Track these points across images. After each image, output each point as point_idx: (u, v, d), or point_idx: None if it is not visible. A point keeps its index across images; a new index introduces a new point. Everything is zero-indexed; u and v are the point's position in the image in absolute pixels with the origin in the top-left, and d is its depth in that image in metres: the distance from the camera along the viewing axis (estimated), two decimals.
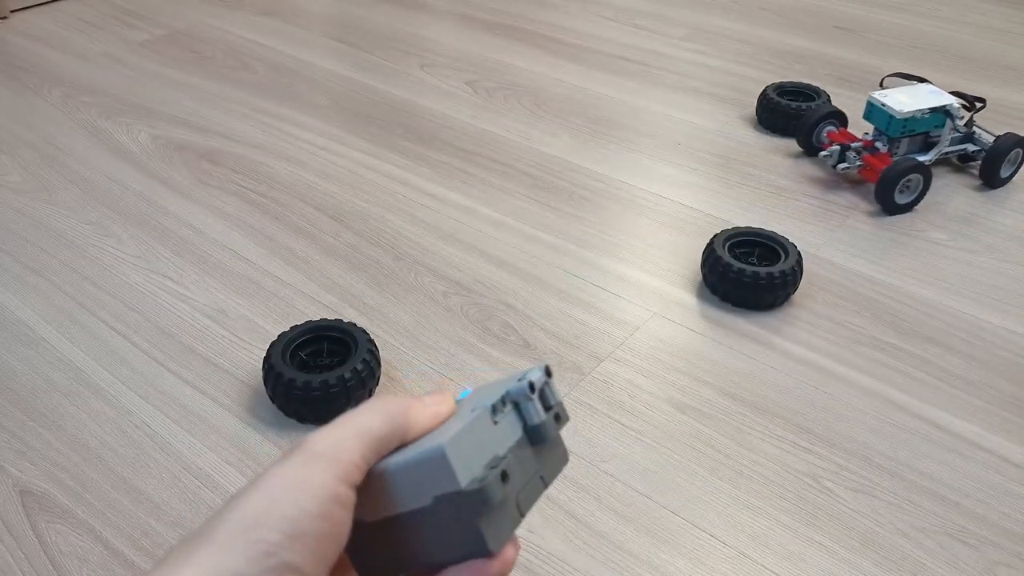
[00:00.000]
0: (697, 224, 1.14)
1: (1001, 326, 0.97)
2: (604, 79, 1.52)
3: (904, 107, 1.15)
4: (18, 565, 0.72)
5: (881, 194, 1.13)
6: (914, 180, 1.13)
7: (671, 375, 0.90)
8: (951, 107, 1.17)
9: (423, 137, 1.34)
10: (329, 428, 0.30)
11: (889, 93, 1.19)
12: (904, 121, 1.16)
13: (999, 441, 0.83)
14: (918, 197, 1.15)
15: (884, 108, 1.17)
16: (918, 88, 1.21)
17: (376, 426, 0.30)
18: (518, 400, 0.32)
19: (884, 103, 1.17)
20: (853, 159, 1.19)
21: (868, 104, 1.20)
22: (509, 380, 0.33)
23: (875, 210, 1.16)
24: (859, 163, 1.19)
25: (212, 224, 1.13)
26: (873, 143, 1.20)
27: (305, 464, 0.28)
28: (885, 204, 1.14)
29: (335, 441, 0.29)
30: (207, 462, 0.81)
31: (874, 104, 1.19)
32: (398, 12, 1.81)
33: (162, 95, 1.46)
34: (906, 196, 1.14)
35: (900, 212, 1.15)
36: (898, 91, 1.20)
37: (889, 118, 1.16)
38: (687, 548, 0.73)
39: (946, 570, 0.71)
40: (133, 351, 0.93)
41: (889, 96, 1.18)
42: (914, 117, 1.16)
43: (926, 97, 1.18)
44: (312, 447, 0.29)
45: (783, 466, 0.80)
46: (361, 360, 0.84)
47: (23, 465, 0.80)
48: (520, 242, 1.10)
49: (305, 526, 0.26)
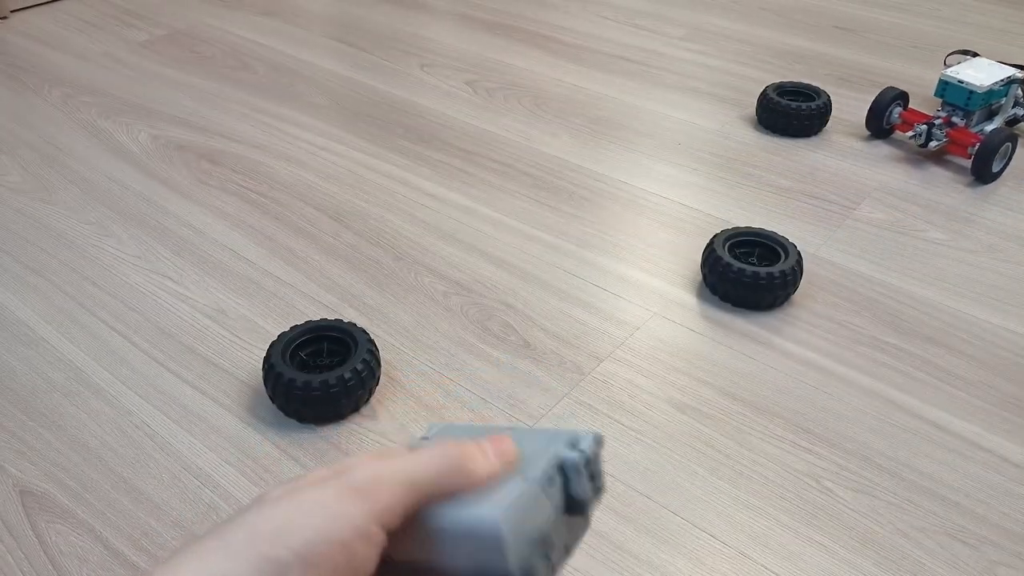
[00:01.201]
0: (697, 224, 1.14)
1: (1001, 326, 0.97)
2: (604, 79, 1.52)
3: (981, 82, 1.23)
4: (18, 565, 0.72)
5: (979, 166, 1.20)
6: (1004, 148, 1.21)
7: (671, 375, 0.90)
8: (1016, 76, 1.26)
9: (423, 137, 1.34)
10: (377, 460, 0.28)
11: (960, 70, 1.26)
12: (984, 95, 1.23)
13: (999, 441, 0.83)
14: (1006, 164, 1.24)
15: (963, 85, 1.23)
16: (977, 62, 1.29)
17: (428, 477, 0.28)
18: (567, 471, 0.31)
19: (961, 80, 1.23)
20: (940, 136, 1.25)
21: (942, 83, 1.26)
22: (556, 438, 0.32)
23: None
24: (945, 139, 1.25)
25: (212, 224, 1.13)
26: (949, 118, 1.27)
27: (340, 495, 0.27)
28: (983, 175, 1.21)
29: (379, 478, 0.27)
30: (207, 462, 0.81)
31: (949, 82, 1.25)
32: (398, 12, 1.81)
33: (162, 95, 1.46)
34: (999, 163, 1.22)
35: (993, 180, 1.23)
36: (964, 67, 1.27)
37: (969, 93, 1.23)
38: (687, 548, 0.73)
39: (946, 570, 0.71)
40: (133, 351, 0.93)
41: (962, 73, 1.25)
42: (991, 90, 1.24)
43: (990, 70, 1.26)
44: (353, 477, 0.27)
45: (783, 466, 0.80)
46: (361, 360, 0.84)
47: (23, 465, 0.80)
48: (520, 242, 1.10)
49: (322, 552, 0.25)
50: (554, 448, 0.31)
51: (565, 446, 0.31)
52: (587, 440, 0.31)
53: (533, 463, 0.30)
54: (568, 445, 0.31)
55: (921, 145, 1.25)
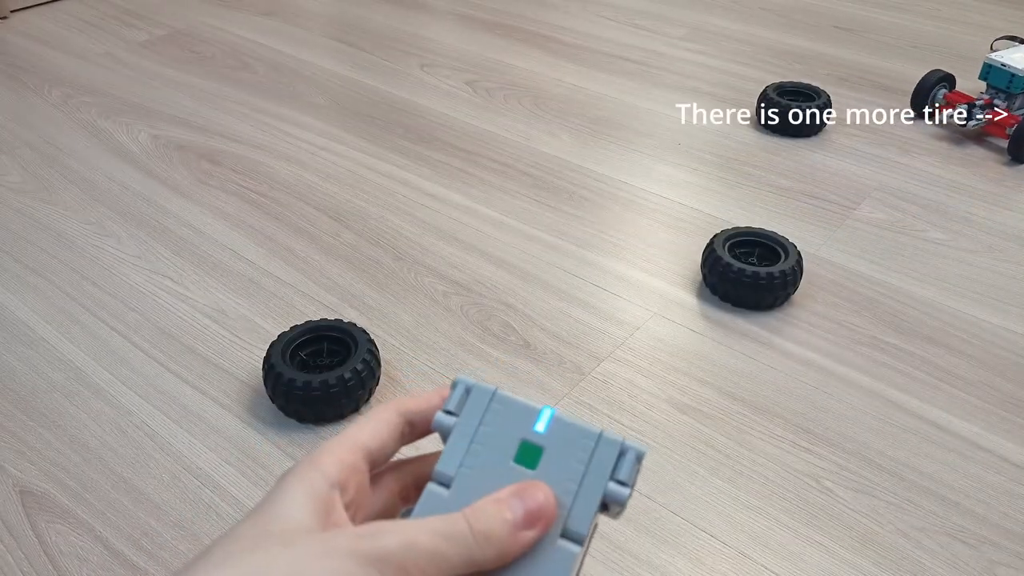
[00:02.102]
0: (697, 224, 1.14)
1: (1001, 326, 0.97)
2: (604, 79, 1.52)
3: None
4: (18, 565, 0.72)
5: (1015, 147, 1.24)
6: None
7: (671, 375, 0.90)
8: None
9: (423, 137, 1.34)
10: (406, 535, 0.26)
11: (1004, 54, 1.30)
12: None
13: (999, 441, 0.83)
14: None
15: (1005, 68, 1.28)
16: (1022, 48, 1.33)
17: (456, 555, 0.26)
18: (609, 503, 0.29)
19: (1005, 63, 1.28)
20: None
21: (986, 66, 1.30)
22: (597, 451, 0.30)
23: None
24: (985, 119, 1.28)
25: (212, 224, 1.13)
26: (991, 101, 1.31)
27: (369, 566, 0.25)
28: (1019, 155, 1.25)
29: (407, 550, 0.25)
30: (207, 462, 0.81)
31: (993, 65, 1.29)
32: (398, 12, 1.81)
33: (162, 95, 1.46)
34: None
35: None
36: (1010, 52, 1.31)
37: (1011, 76, 1.27)
38: (687, 548, 0.73)
39: (946, 570, 0.71)
40: (133, 351, 0.93)
41: (1006, 56, 1.29)
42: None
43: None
44: (380, 544, 0.25)
45: (783, 466, 0.80)
46: (361, 360, 0.84)
47: (23, 465, 0.80)
48: (520, 242, 1.10)
49: None
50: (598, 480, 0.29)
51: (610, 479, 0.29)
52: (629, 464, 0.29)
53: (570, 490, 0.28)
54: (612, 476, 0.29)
55: (962, 124, 1.28)
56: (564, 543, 0.28)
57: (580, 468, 0.29)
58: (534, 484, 0.28)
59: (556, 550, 0.28)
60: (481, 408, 0.31)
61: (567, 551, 0.27)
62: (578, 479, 0.29)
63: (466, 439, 0.30)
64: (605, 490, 0.29)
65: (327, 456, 0.28)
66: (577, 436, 0.30)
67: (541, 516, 0.27)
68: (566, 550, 0.27)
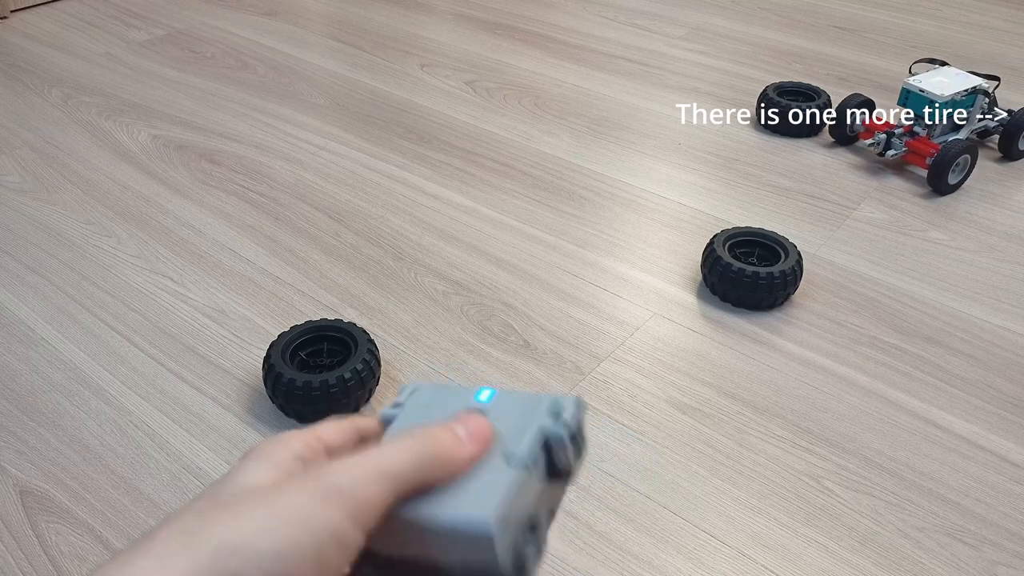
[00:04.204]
0: (697, 224, 1.14)
1: (1001, 326, 0.97)
2: (604, 79, 1.52)
3: (944, 90, 1.18)
4: (18, 565, 0.72)
5: (934, 177, 1.17)
6: (962, 160, 1.17)
7: (671, 375, 0.90)
8: (981, 87, 1.21)
9: (423, 137, 1.34)
10: (352, 461, 0.27)
11: (923, 79, 1.21)
12: (945, 104, 1.18)
13: (999, 441, 0.83)
14: (965, 176, 1.19)
15: (924, 94, 1.19)
16: (944, 71, 1.24)
17: (406, 471, 0.27)
18: (552, 445, 0.30)
19: (923, 89, 1.19)
20: (899, 145, 1.22)
21: (904, 91, 1.21)
22: (535, 405, 0.30)
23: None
24: (904, 148, 1.22)
25: (212, 224, 1.13)
26: (911, 128, 1.23)
27: (318, 498, 0.25)
28: (938, 186, 1.18)
29: (356, 476, 0.26)
30: (207, 462, 0.81)
31: (911, 91, 1.21)
32: (398, 12, 1.81)
33: (162, 95, 1.46)
34: (956, 176, 1.18)
35: (950, 192, 1.19)
36: (929, 76, 1.22)
37: (929, 103, 1.19)
38: (687, 548, 0.73)
39: (946, 570, 0.71)
40: (133, 351, 0.93)
41: (924, 81, 1.20)
42: (953, 100, 1.19)
43: (956, 79, 1.21)
44: (330, 478, 0.26)
45: (783, 466, 0.80)
46: (361, 360, 0.84)
47: (23, 465, 0.80)
48: (520, 242, 1.10)
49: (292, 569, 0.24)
50: (537, 421, 0.30)
51: (548, 417, 0.30)
52: (570, 409, 0.30)
53: (514, 437, 0.29)
54: (550, 415, 0.30)
55: (879, 154, 1.22)
56: (503, 464, 0.29)
57: (521, 416, 0.30)
58: (472, 413, 0.30)
59: (497, 470, 0.29)
60: (427, 397, 0.32)
61: (507, 472, 0.29)
62: (518, 420, 0.30)
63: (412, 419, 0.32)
64: (544, 426, 0.30)
65: (291, 435, 0.29)
66: (519, 399, 0.31)
67: (482, 436, 0.29)
68: (506, 471, 0.29)
